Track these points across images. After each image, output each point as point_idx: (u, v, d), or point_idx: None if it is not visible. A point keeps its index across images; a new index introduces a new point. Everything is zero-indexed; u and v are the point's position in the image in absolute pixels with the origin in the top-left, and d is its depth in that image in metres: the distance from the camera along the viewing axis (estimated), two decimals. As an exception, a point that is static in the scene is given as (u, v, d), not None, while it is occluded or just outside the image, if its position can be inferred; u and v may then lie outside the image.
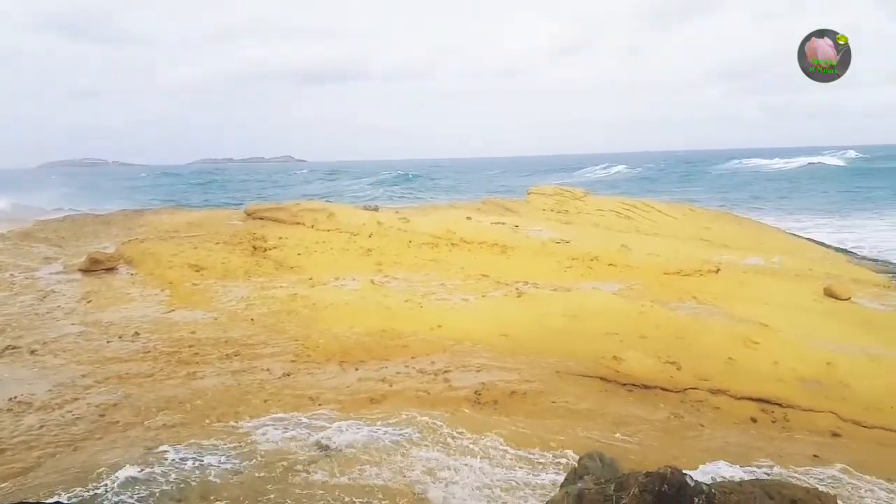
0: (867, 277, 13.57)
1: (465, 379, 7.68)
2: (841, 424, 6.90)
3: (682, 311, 10.24)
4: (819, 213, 32.00)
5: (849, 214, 31.13)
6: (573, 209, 18.46)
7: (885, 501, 5.39)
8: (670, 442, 6.52)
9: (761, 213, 30.45)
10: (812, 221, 28.43)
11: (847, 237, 22.45)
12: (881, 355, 8.98)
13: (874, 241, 21.58)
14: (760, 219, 25.51)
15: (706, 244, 15.17)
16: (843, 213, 31.44)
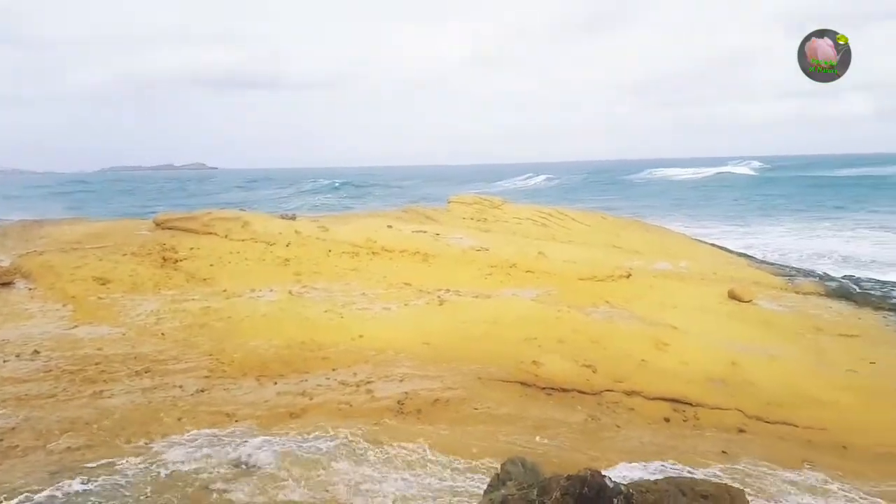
0: (767, 280, 14.41)
1: (387, 389, 7.62)
2: (746, 421, 7.28)
3: (597, 315, 10.55)
4: (725, 219, 33.80)
5: (753, 220, 33.05)
6: (492, 217, 18.73)
7: (786, 492, 5.72)
8: (589, 443, 6.69)
9: (670, 221, 31.85)
10: (718, 228, 30.03)
11: (752, 242, 23.88)
12: (780, 354, 9.56)
13: (776, 246, 23.05)
14: (669, 225, 26.71)
15: (618, 250, 15.73)
16: (748, 220, 33.32)
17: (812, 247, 22.57)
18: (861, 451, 6.71)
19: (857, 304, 12.87)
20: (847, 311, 12.46)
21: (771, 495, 5.66)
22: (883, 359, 9.73)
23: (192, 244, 14.15)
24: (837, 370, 9.07)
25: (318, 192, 60.76)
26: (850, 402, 7.90)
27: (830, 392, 8.11)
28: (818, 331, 10.93)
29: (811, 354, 9.68)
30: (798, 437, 7.00)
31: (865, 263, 18.86)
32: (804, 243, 23.45)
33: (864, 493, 5.75)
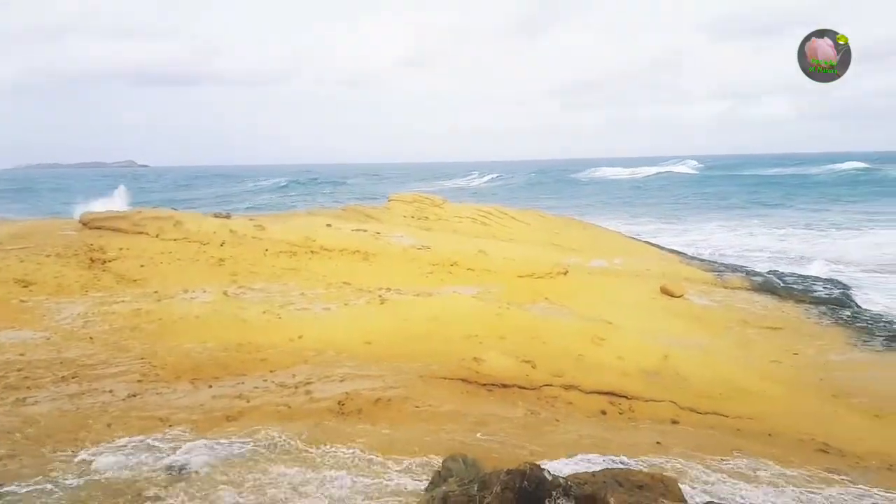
0: (697, 276, 14.92)
1: (327, 390, 7.53)
2: (679, 412, 7.52)
3: (536, 311, 10.71)
4: (664, 217, 34.74)
5: (691, 218, 34.11)
6: (433, 216, 18.75)
7: (717, 479, 5.94)
8: (529, 438, 6.78)
9: (610, 219, 32.57)
10: (656, 225, 30.91)
11: (691, 238, 24.72)
12: (710, 346, 9.94)
13: (712, 242, 23.92)
14: (609, 223, 27.34)
15: (556, 248, 16.00)
16: (686, 217, 34.34)
17: (745, 243, 23.52)
18: (785, 438, 7.03)
19: (781, 298, 13.48)
20: (771, 304, 13.04)
21: (702, 483, 5.87)
22: (804, 349, 10.24)
23: (121, 244, 13.64)
24: (763, 361, 9.50)
25: (262, 192, 59.25)
26: (775, 391, 8.28)
27: (757, 382, 8.48)
28: (745, 324, 11.41)
29: (739, 347, 10.10)
30: (728, 426, 7.28)
31: (794, 259, 19.76)
32: (739, 240, 24.39)
33: (787, 478, 6.03)
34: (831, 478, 6.17)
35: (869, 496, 5.82)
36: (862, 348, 10.49)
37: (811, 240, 23.84)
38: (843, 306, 13.05)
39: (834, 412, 7.85)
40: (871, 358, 10.06)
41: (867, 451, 6.73)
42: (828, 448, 6.80)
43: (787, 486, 5.91)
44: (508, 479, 2.94)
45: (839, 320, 12.13)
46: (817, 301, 13.32)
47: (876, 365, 9.73)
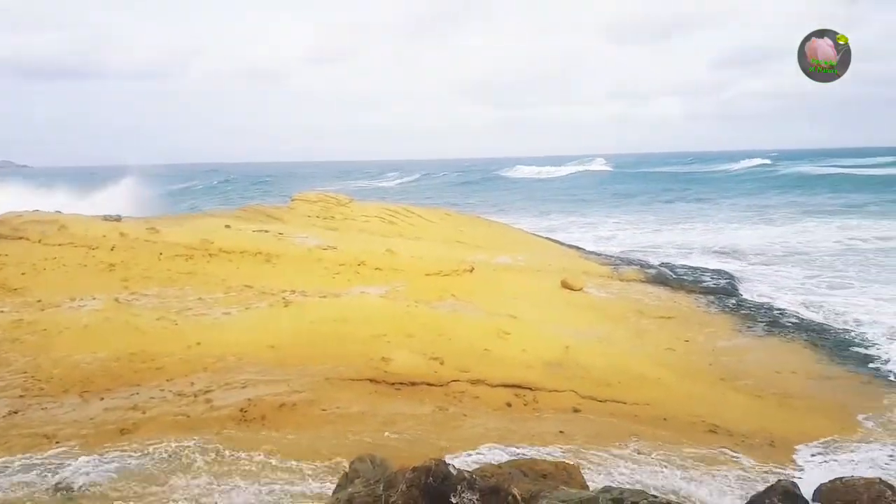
0: (595, 270, 15.50)
1: (229, 397, 7.28)
2: (580, 401, 7.79)
3: (444, 308, 10.80)
4: (574, 212, 35.59)
5: (599, 213, 35.23)
6: (339, 215, 18.52)
7: (615, 464, 6.20)
8: (437, 434, 6.83)
9: (524, 216, 33.10)
10: (566, 219, 31.75)
11: (600, 234, 25.64)
12: (608, 337, 10.35)
13: (620, 237, 24.91)
14: (522, 220, 27.93)
15: (462, 245, 16.20)
16: (597, 212, 35.33)
17: (649, 237, 24.61)
18: (679, 422, 7.42)
19: (673, 289, 14.22)
20: (664, 295, 13.73)
21: (603, 468, 6.12)
22: (695, 337, 10.85)
23: (-2, 250, 12.64)
24: (658, 349, 9.99)
25: (186, 195, 55.58)
26: (668, 377, 8.73)
27: (652, 369, 8.91)
28: (640, 314, 11.96)
29: (635, 336, 10.58)
30: (626, 412, 7.61)
31: (692, 251, 20.84)
32: (643, 235, 25.41)
33: (679, 459, 6.38)
34: (720, 456, 6.58)
35: (753, 471, 6.25)
36: (746, 334, 11.23)
37: (706, 233, 25.21)
38: (730, 295, 13.93)
39: (722, 395, 8.36)
40: (753, 343, 10.79)
41: (751, 430, 7.22)
42: (717, 429, 7.24)
43: (680, 467, 6.25)
44: (414, 477, 2.94)
45: (726, 308, 12.93)
46: (706, 291, 14.15)
47: (758, 349, 10.44)
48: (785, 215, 30.75)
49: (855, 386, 8.77)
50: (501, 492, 2.95)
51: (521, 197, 49.89)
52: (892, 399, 8.22)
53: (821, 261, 18.28)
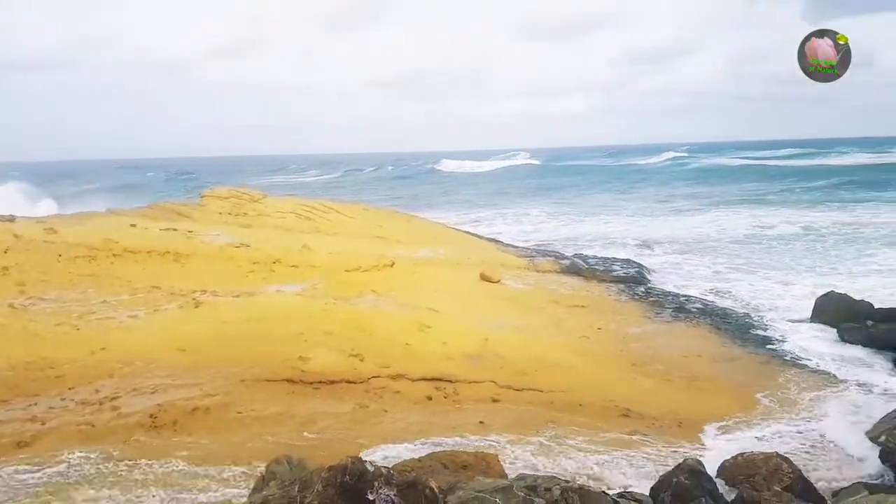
0: (512, 262, 15.76)
1: (137, 403, 6.96)
2: (499, 391, 7.90)
3: (363, 304, 10.70)
4: (498, 205, 35.83)
5: (522, 205, 35.61)
6: (252, 212, 17.99)
7: (533, 452, 6.34)
8: (357, 431, 6.77)
9: (445, 211, 33.01)
10: (492, 212, 31.92)
11: (524, 228, 26.01)
12: (525, 327, 10.54)
13: (547, 229, 25.36)
14: (444, 216, 27.94)
15: (381, 240, 16.10)
16: (520, 204, 35.70)
17: (571, 228, 25.17)
18: (593, 407, 7.65)
19: (586, 279, 14.64)
20: (578, 285, 14.12)
21: (522, 455, 6.24)
22: (607, 325, 11.21)
23: None
24: (572, 337, 10.26)
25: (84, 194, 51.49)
26: (583, 364, 8.98)
27: (567, 357, 9.14)
28: (556, 304, 12.25)
29: (551, 325, 10.82)
30: (543, 400, 7.78)
31: (608, 241, 21.48)
32: (565, 226, 25.94)
33: (594, 444, 6.59)
34: (632, 439, 6.84)
35: (663, 451, 6.53)
36: (654, 320, 11.71)
37: (621, 224, 26.03)
38: (639, 283, 14.47)
39: (633, 380, 8.68)
40: (662, 328, 11.26)
41: (661, 412, 7.53)
42: (629, 412, 7.51)
43: (595, 451, 6.46)
44: (329, 476, 2.89)
45: (636, 296, 13.43)
46: (617, 280, 14.64)
47: (666, 334, 10.91)
48: (694, 206, 32.31)
49: (754, 366, 9.30)
50: (419, 485, 2.95)
51: (448, 191, 49.91)
52: (786, 377, 8.78)
53: (727, 249, 19.24)
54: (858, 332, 10.04)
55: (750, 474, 5.44)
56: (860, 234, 20.72)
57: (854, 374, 8.86)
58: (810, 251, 18.16)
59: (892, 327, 9.91)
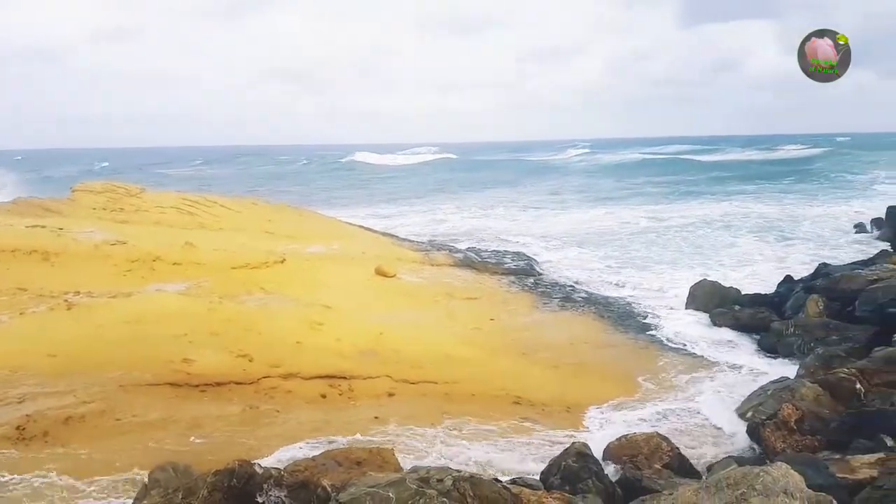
0: (408, 256, 15.78)
1: (2, 414, 6.41)
2: (395, 385, 7.89)
3: (252, 302, 10.37)
4: (406, 201, 35.45)
5: (431, 200, 35.43)
6: (129, 207, 16.96)
7: (428, 444, 6.38)
8: (248, 433, 6.56)
9: (353, 205, 32.26)
10: (396, 208, 31.47)
11: (428, 219, 26.01)
12: (420, 320, 10.60)
13: (455, 221, 25.45)
14: (353, 212, 27.43)
15: (271, 236, 15.64)
16: (430, 199, 35.47)
17: (476, 222, 25.36)
18: (486, 396, 7.80)
19: (479, 271, 14.91)
20: (471, 277, 14.35)
21: (417, 448, 6.26)
22: (499, 315, 11.47)
23: None
24: (466, 329, 10.42)
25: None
26: (476, 355, 9.14)
27: (461, 348, 9.28)
28: (450, 297, 12.39)
29: (445, 318, 10.94)
30: (438, 392, 7.84)
31: (509, 234, 21.89)
32: (474, 220, 26.06)
33: (488, 432, 6.72)
34: (523, 425, 7.04)
35: (552, 436, 6.76)
36: (543, 310, 12.10)
37: (521, 217, 26.61)
38: (529, 275, 14.91)
39: (524, 368, 8.93)
40: (550, 318, 11.66)
41: (550, 399, 7.79)
42: (520, 400, 7.72)
43: (488, 439, 6.59)
44: (216, 480, 2.78)
45: (525, 287, 13.83)
46: (508, 272, 15.02)
47: (554, 323, 11.30)
48: (590, 199, 33.69)
49: (635, 351, 9.82)
50: (311, 485, 2.88)
51: (361, 185, 49.01)
52: (665, 361, 9.32)
53: (614, 241, 20.08)
54: (727, 316, 10.81)
55: (633, 454, 5.73)
56: (732, 224, 22.38)
57: (724, 355, 9.53)
58: (689, 242, 19.31)
59: (756, 311, 10.75)
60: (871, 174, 43.19)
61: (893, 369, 6.65)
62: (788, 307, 10.54)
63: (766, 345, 9.69)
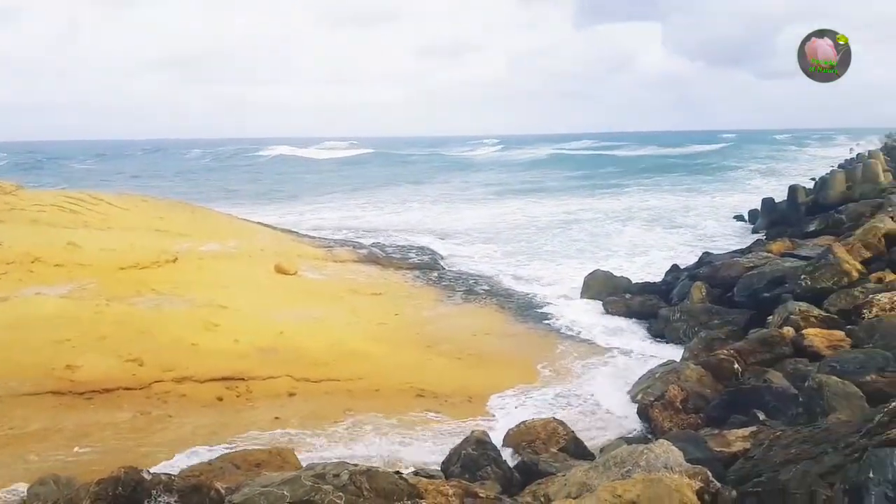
0: (309, 252, 15.51)
1: None
2: (295, 384, 7.76)
3: (143, 304, 9.88)
4: (292, 199, 34.50)
5: (350, 195, 34.68)
6: (3, 205, 15.71)
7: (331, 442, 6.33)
8: (138, 441, 6.27)
9: (247, 203, 30.95)
10: (308, 206, 30.44)
11: (343, 214, 25.60)
12: (323, 317, 10.45)
13: (369, 218, 25.05)
14: (250, 208, 26.47)
15: (162, 234, 14.92)
16: (353, 195, 34.66)
17: (391, 218, 25.11)
18: (389, 391, 7.81)
19: (383, 267, 14.89)
20: (376, 273, 14.30)
21: (319, 446, 6.20)
22: (404, 310, 11.50)
23: None
24: (371, 325, 10.37)
25: None
26: (380, 350, 9.12)
27: (365, 345, 9.23)
28: (354, 293, 12.29)
29: (349, 314, 10.83)
30: (341, 389, 7.77)
31: (414, 229, 21.88)
32: (384, 217, 25.74)
33: (390, 426, 6.74)
34: (427, 417, 7.10)
35: (454, 426, 6.86)
36: (447, 303, 12.24)
37: (432, 212, 26.64)
38: (433, 269, 15.04)
39: (428, 361, 8.99)
40: (454, 310, 11.81)
41: (453, 390, 7.89)
42: (424, 392, 7.78)
43: (391, 433, 6.60)
44: (99, 490, 2.64)
45: (429, 281, 13.94)
46: (412, 266, 15.08)
47: (458, 315, 11.46)
48: (498, 193, 34.27)
49: (535, 340, 10.12)
50: (203, 488, 2.79)
51: (271, 181, 47.22)
52: (563, 348, 9.65)
53: (524, 234, 20.52)
54: (619, 304, 11.33)
55: (531, 440, 5.91)
56: (632, 216, 23.49)
57: (617, 341, 9.96)
58: (592, 235, 20.00)
59: (645, 299, 11.32)
60: (749, 169, 46.57)
61: (767, 349, 7.17)
62: (675, 294, 11.16)
63: (655, 330, 10.22)
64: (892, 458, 2.48)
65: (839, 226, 13.20)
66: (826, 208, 16.11)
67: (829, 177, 19.28)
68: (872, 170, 18.13)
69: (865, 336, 6.64)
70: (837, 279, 8.55)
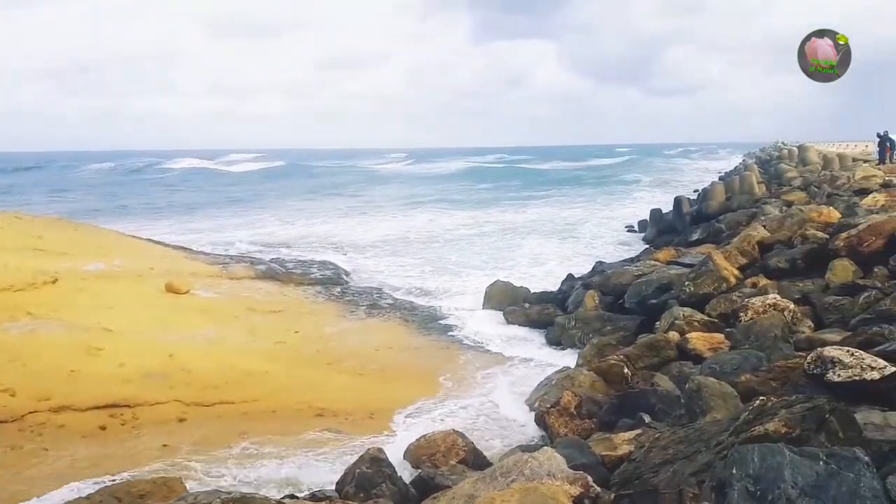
0: (203, 270, 14.89)
1: None
2: (186, 409, 7.40)
3: (16, 330, 9.14)
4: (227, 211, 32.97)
5: (260, 210, 33.30)
6: None
7: (224, 469, 6.05)
8: (9, 478, 5.79)
9: (141, 219, 29.20)
10: (212, 221, 28.98)
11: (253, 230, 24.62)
12: (217, 338, 10.04)
13: (274, 230, 24.28)
14: (157, 224, 24.96)
15: (40, 253, 13.87)
16: (261, 210, 33.23)
17: (296, 231, 24.44)
18: (287, 412, 7.59)
19: (283, 283, 14.51)
20: (275, 290, 13.92)
21: (209, 474, 5.91)
22: (304, 327, 11.23)
23: None
24: (268, 343, 10.06)
25: None
26: (277, 370, 8.85)
27: (261, 364, 8.93)
28: (251, 311, 11.89)
29: (245, 333, 10.47)
30: (235, 412, 7.48)
31: (317, 243, 21.41)
32: (289, 231, 24.96)
33: (288, 447, 6.54)
34: (326, 437, 6.94)
35: (354, 445, 6.73)
36: (350, 318, 12.07)
37: (340, 226, 26.14)
38: (336, 284, 14.80)
39: (328, 378, 8.81)
40: (356, 325, 11.65)
41: (353, 407, 7.76)
42: (323, 411, 7.61)
43: (289, 455, 6.40)
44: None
45: (332, 297, 13.70)
46: (314, 282, 14.77)
47: (361, 331, 11.31)
48: (406, 206, 34.17)
49: (437, 352, 10.14)
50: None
51: (168, 195, 44.87)
52: (464, 359, 9.73)
53: (431, 247, 20.58)
54: (518, 314, 11.57)
55: (431, 453, 5.89)
56: (536, 228, 24.07)
57: (517, 350, 10.15)
58: (496, 247, 20.36)
59: (542, 308, 11.61)
60: (643, 181, 49.04)
61: (654, 353, 7.51)
62: (570, 302, 11.52)
63: (553, 338, 10.49)
64: (752, 453, 2.64)
65: (719, 234, 14.06)
66: (708, 218, 17.15)
67: (711, 188, 20.57)
68: (748, 181, 19.50)
69: (742, 338, 7.06)
70: (717, 285, 9.08)
